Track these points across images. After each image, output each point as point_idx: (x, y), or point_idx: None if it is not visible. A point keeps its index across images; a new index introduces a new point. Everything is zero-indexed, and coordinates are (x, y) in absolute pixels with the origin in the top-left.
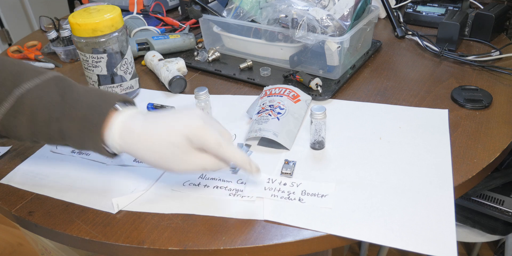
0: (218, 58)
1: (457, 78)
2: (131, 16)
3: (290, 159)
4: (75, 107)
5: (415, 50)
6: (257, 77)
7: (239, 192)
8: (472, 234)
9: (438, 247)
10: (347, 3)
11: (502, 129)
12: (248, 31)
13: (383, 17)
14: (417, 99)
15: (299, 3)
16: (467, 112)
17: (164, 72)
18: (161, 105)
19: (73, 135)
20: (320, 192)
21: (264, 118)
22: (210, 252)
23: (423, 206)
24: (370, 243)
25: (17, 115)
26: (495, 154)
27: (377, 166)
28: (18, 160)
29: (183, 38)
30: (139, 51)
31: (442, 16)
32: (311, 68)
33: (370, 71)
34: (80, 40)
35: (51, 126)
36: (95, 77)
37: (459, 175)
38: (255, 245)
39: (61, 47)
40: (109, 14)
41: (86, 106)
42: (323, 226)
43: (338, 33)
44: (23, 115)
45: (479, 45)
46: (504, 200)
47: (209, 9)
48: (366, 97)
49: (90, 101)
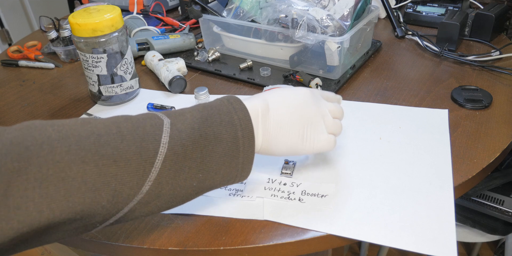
0: (218, 58)
1: (457, 78)
2: (131, 16)
3: (290, 159)
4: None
5: (415, 50)
6: (257, 77)
7: (239, 192)
8: (472, 234)
9: (438, 247)
10: (347, 3)
11: (502, 129)
12: (248, 31)
13: (383, 17)
14: (417, 99)
15: (299, 3)
16: (467, 112)
17: (164, 72)
18: (161, 105)
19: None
20: (320, 192)
21: None
22: (210, 252)
23: (423, 206)
24: (370, 243)
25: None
26: (495, 154)
27: (377, 166)
28: None
29: (183, 38)
30: (139, 51)
31: (442, 16)
32: (311, 68)
33: (370, 71)
34: (80, 40)
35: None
36: (95, 77)
37: (459, 175)
38: (255, 245)
39: (61, 47)
40: (109, 14)
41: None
42: (323, 226)
43: (338, 33)
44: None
45: (479, 45)
46: (504, 200)
47: (209, 9)
48: (366, 97)
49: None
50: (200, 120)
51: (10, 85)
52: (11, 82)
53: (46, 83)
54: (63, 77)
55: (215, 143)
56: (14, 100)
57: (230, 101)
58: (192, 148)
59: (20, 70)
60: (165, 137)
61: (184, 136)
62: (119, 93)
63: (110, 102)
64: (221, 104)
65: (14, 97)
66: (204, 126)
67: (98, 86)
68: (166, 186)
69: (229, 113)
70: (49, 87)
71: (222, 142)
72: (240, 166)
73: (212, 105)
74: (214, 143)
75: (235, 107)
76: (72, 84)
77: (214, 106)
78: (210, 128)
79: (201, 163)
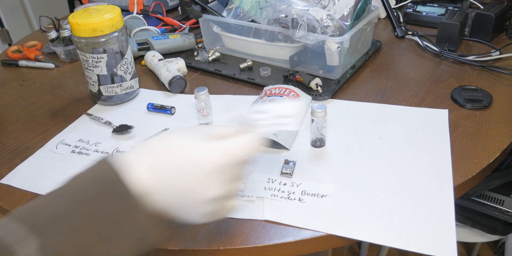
0: (218, 58)
1: (457, 78)
2: (131, 16)
3: (290, 159)
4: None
5: (415, 50)
6: (257, 77)
7: (239, 192)
8: (472, 234)
9: (438, 247)
10: (347, 3)
11: (502, 129)
12: (248, 31)
13: (383, 17)
14: (417, 99)
15: (299, 3)
16: (467, 112)
17: (164, 72)
18: (161, 105)
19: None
20: (320, 192)
21: None
22: (210, 252)
23: (423, 206)
24: (370, 243)
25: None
26: (495, 154)
27: (377, 166)
28: (18, 160)
29: (183, 38)
30: (139, 51)
31: (442, 16)
32: (311, 68)
33: (370, 71)
34: (80, 40)
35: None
36: (95, 77)
37: (459, 175)
38: (255, 245)
39: (61, 47)
40: (109, 14)
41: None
42: (323, 226)
43: (338, 33)
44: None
45: (479, 45)
46: (504, 200)
47: (209, 9)
48: (366, 97)
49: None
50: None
51: (10, 85)
52: (11, 82)
53: (46, 83)
54: (63, 77)
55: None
56: (14, 100)
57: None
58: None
59: (20, 70)
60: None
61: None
62: (119, 93)
63: (110, 102)
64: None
65: (14, 97)
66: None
67: (98, 86)
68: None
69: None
70: (49, 87)
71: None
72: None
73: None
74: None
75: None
76: (72, 84)
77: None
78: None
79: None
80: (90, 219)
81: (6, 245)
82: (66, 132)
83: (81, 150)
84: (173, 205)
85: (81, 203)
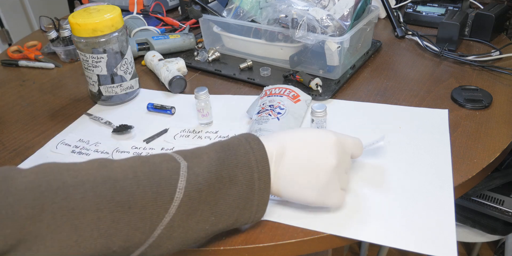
0: (218, 58)
1: (457, 78)
2: (131, 16)
3: None
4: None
5: (415, 50)
6: (257, 77)
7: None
8: (472, 234)
9: (438, 247)
10: (347, 3)
11: (502, 129)
12: (248, 31)
13: (383, 17)
14: (417, 99)
15: (299, 3)
16: (467, 112)
17: (164, 72)
18: (161, 105)
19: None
20: None
21: (264, 118)
22: (210, 252)
23: (423, 206)
24: (370, 243)
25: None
26: (495, 154)
27: (377, 166)
28: (18, 160)
29: (183, 38)
30: (139, 51)
31: (442, 16)
32: (311, 68)
33: (370, 71)
34: (80, 40)
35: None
36: (95, 77)
37: (459, 175)
38: (255, 245)
39: (61, 47)
40: (109, 14)
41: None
42: (323, 226)
43: (338, 33)
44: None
45: (479, 45)
46: (504, 200)
47: (209, 9)
48: (366, 97)
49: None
50: (217, 162)
51: (10, 85)
52: (11, 82)
53: (46, 83)
54: (63, 77)
55: (230, 185)
56: (14, 100)
57: (248, 141)
58: (207, 192)
59: (20, 70)
60: (182, 182)
61: (201, 180)
62: (119, 93)
63: (110, 102)
64: (239, 143)
65: (14, 97)
66: (220, 168)
67: (98, 86)
68: (178, 229)
69: (246, 154)
70: (49, 87)
71: (237, 185)
72: (255, 208)
73: (229, 144)
74: (228, 186)
75: (253, 147)
76: (72, 84)
77: (232, 146)
78: (226, 170)
79: (215, 206)
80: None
81: (170, 158)
82: (66, 132)
83: (81, 150)
84: (293, 175)
85: (223, 159)
